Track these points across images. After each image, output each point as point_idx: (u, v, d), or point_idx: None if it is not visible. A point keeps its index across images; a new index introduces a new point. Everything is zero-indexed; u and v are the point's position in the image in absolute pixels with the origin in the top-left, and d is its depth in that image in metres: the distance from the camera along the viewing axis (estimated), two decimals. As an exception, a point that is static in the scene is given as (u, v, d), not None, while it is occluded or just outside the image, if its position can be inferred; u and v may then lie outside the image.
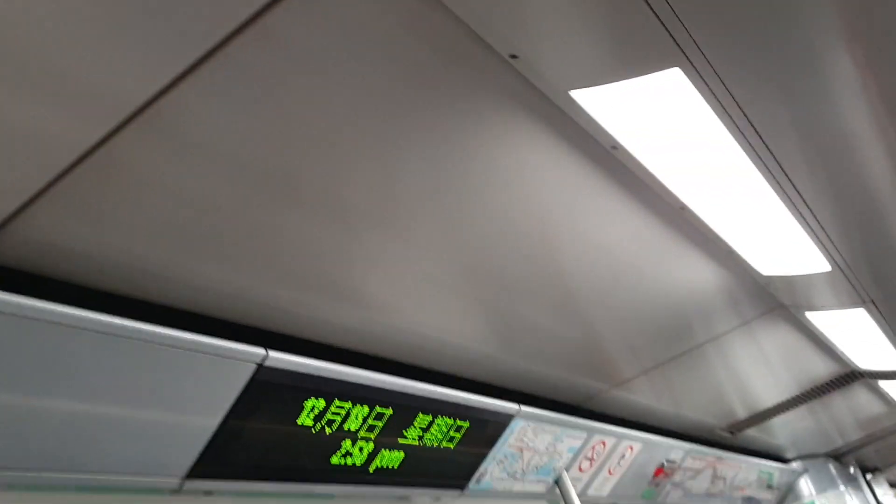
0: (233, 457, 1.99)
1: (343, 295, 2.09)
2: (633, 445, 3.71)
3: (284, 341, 2.07)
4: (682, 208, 2.11)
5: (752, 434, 5.17)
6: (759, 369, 3.93)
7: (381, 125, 1.58)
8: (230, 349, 1.83)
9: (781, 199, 2.13)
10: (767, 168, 1.99)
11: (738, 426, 4.81)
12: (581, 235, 2.21)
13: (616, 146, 1.78)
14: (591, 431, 3.29)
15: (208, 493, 2.03)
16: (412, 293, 2.24)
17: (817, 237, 2.38)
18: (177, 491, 1.93)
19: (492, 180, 1.89)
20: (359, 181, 1.75)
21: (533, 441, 3.01)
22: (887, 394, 5.10)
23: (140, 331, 1.65)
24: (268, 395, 1.97)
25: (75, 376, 1.60)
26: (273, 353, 1.91)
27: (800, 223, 2.29)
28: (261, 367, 1.89)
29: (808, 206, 2.22)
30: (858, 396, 5.08)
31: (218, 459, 1.96)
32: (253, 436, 2.01)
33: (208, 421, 1.88)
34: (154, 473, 1.87)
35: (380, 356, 2.45)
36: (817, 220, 2.30)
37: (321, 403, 2.12)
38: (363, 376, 2.20)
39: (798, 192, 2.13)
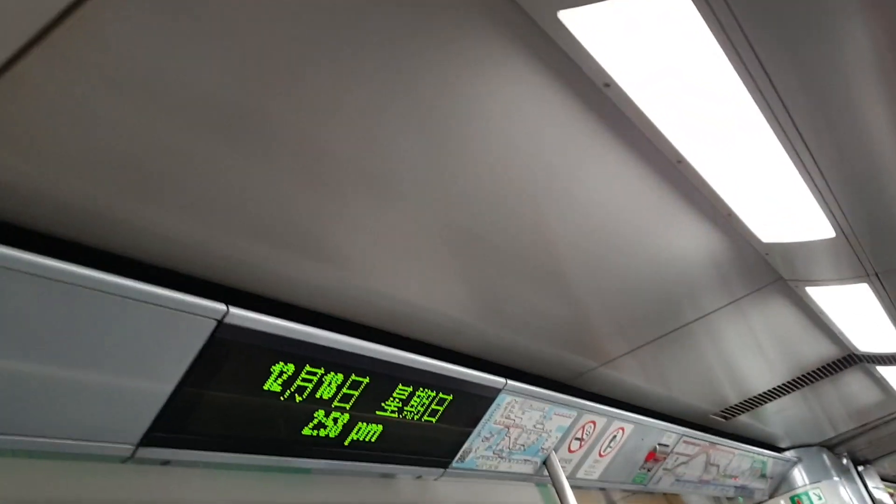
0: (192, 424, 1.84)
1: (317, 253, 1.94)
2: (625, 427, 3.57)
3: (249, 299, 1.92)
4: (680, 161, 1.96)
5: (746, 421, 5.05)
6: (755, 350, 3.79)
7: (361, 65, 1.43)
8: (187, 303, 1.67)
9: (790, 154, 1.98)
10: (777, 119, 1.83)
11: (732, 411, 4.68)
12: (571, 192, 2.05)
13: (609, 83, 1.63)
14: (581, 410, 3.15)
15: (165, 462, 1.87)
16: (392, 255, 2.09)
17: (824, 200, 2.23)
18: (129, 458, 1.77)
19: (477, 130, 1.74)
20: (337, 130, 1.60)
21: (520, 418, 2.87)
22: (884, 379, 4.97)
23: (83, 277, 1.49)
24: (230, 356, 1.81)
25: (10, 328, 1.45)
26: (235, 310, 1.76)
27: (807, 184, 2.14)
28: (221, 325, 1.74)
29: (817, 166, 2.07)
30: (854, 383, 4.96)
31: (175, 426, 1.80)
32: (214, 402, 1.85)
33: (163, 382, 1.73)
34: (104, 439, 1.72)
35: (356, 321, 2.29)
36: (826, 182, 2.15)
37: (290, 368, 1.97)
38: (338, 341, 2.05)
39: (808, 150, 1.98)
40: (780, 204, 2.27)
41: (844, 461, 6.81)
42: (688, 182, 2.09)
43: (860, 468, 7.03)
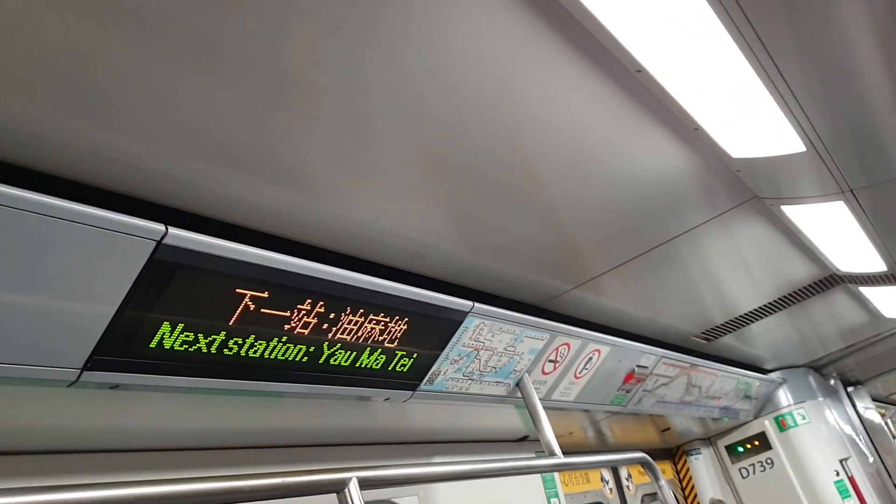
0: (137, 347, 1.81)
1: (273, 173, 1.88)
2: (601, 349, 3.57)
3: (193, 221, 1.87)
4: (639, 71, 1.88)
5: (730, 342, 5.06)
6: (735, 270, 3.76)
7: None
8: (124, 223, 1.62)
9: (752, 64, 1.90)
10: (736, 26, 1.75)
11: (714, 332, 4.69)
12: (533, 108, 1.98)
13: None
14: (553, 332, 3.13)
15: (114, 386, 1.85)
16: (353, 175, 2.03)
17: (791, 112, 2.16)
18: (75, 383, 1.75)
19: (438, 47, 1.67)
20: (295, 48, 1.53)
21: (490, 340, 2.85)
22: (869, 301, 4.97)
23: (15, 198, 1.43)
24: (173, 278, 1.77)
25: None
26: (175, 231, 1.71)
27: (772, 95, 2.07)
28: (160, 246, 1.69)
29: (781, 76, 1.99)
30: (839, 304, 4.95)
31: (119, 349, 1.77)
32: (160, 325, 1.82)
33: (104, 304, 1.69)
34: (47, 363, 1.69)
35: (315, 245, 2.25)
36: (792, 93, 2.08)
37: (240, 291, 1.93)
38: (290, 263, 2.00)
39: (771, 58, 1.90)
40: (748, 118, 2.19)
41: (832, 382, 6.89)
42: (650, 94, 2.01)
43: (850, 389, 7.11)
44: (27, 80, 1.37)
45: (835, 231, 3.33)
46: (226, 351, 1.99)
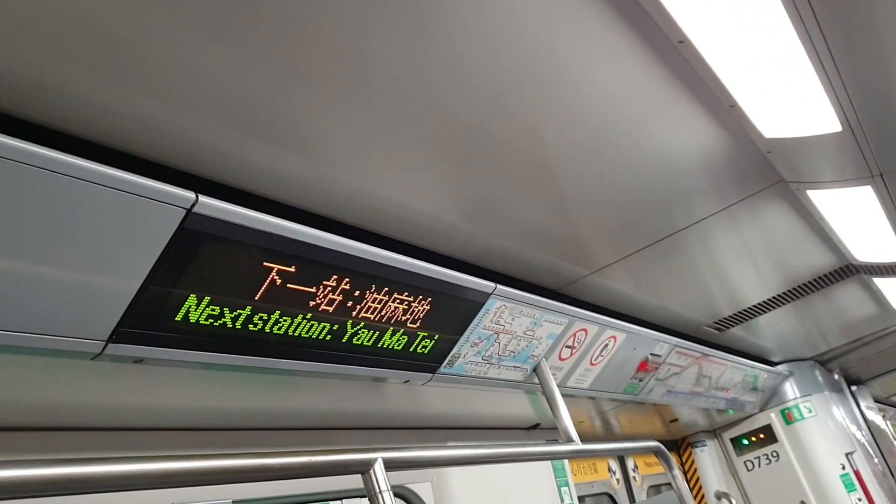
0: (164, 321, 1.75)
1: (300, 146, 1.84)
2: (617, 336, 3.52)
3: (221, 190, 1.81)
4: (682, 42, 1.83)
5: (739, 334, 5.03)
6: (753, 258, 3.72)
7: None
8: (154, 189, 1.56)
9: (800, 37, 1.85)
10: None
11: (726, 322, 4.65)
12: (563, 77, 1.92)
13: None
14: (571, 317, 3.09)
15: (139, 360, 1.79)
16: (379, 152, 1.98)
17: (833, 89, 2.10)
18: (99, 355, 1.69)
19: (463, 19, 1.61)
20: (322, 22, 1.48)
21: (510, 324, 2.80)
22: (881, 292, 4.93)
23: (43, 157, 1.37)
24: (201, 249, 1.71)
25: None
26: (205, 199, 1.65)
27: (816, 71, 2.01)
28: (190, 214, 1.63)
29: (829, 51, 1.93)
30: (850, 295, 4.92)
31: (145, 322, 1.72)
32: (186, 298, 1.76)
33: (131, 275, 1.63)
34: (73, 334, 1.63)
35: (340, 220, 2.20)
36: (837, 69, 2.02)
37: (268, 265, 1.88)
38: (320, 237, 1.95)
39: (822, 33, 1.84)
40: (786, 95, 2.14)
41: (836, 377, 6.87)
42: (689, 67, 1.96)
43: (853, 388, 7.10)
44: (62, 39, 1.31)
45: (858, 218, 3.28)
46: (251, 326, 1.94)
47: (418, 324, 2.41)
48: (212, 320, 1.84)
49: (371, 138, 1.92)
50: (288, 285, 1.95)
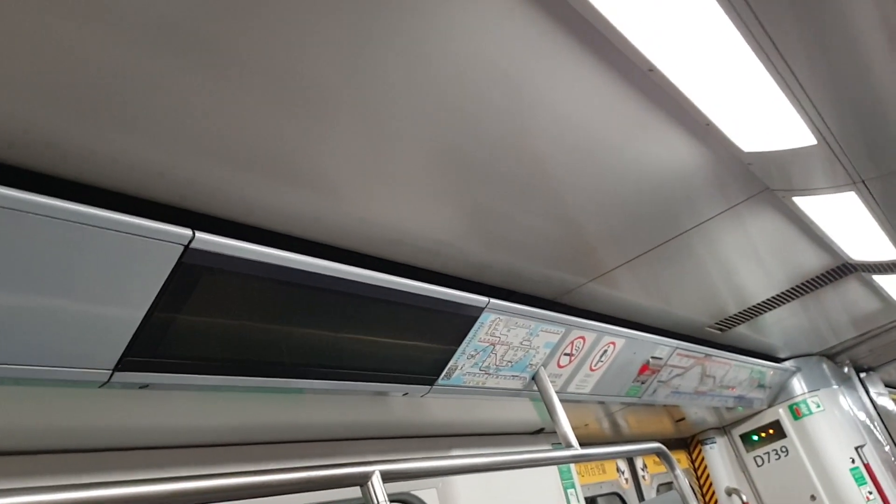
0: (167, 348, 1.86)
1: (291, 177, 1.93)
2: (616, 341, 3.60)
3: (217, 225, 1.92)
4: (651, 70, 1.91)
5: (743, 332, 5.08)
6: (748, 261, 3.79)
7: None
8: (152, 229, 1.66)
9: (762, 60, 1.93)
10: (745, 24, 1.78)
11: (728, 323, 4.71)
12: (546, 105, 2.01)
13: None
14: (568, 326, 3.17)
15: (144, 386, 1.91)
16: (368, 177, 2.07)
17: (802, 107, 2.18)
18: (106, 383, 1.80)
19: (451, 48, 1.70)
20: (311, 54, 1.57)
21: (506, 335, 2.90)
22: (882, 289, 4.98)
23: (46, 206, 1.48)
24: (200, 281, 1.82)
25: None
26: (202, 235, 1.76)
27: (783, 90, 2.09)
28: (188, 250, 1.74)
29: (791, 71, 2.01)
30: (852, 292, 4.97)
31: (150, 350, 1.83)
32: (189, 326, 1.87)
33: (135, 308, 1.74)
34: (80, 365, 1.74)
35: (332, 245, 2.30)
36: (802, 88, 2.10)
37: (264, 292, 1.98)
38: (312, 263, 2.05)
39: (780, 54, 1.93)
40: (759, 112, 2.22)
41: (846, 369, 6.89)
42: (662, 91, 2.05)
43: (862, 375, 7.11)
44: (56, 92, 1.42)
45: (847, 221, 3.35)
46: (251, 350, 2.05)
47: (414, 339, 2.51)
48: (213, 346, 1.95)
49: (363, 168, 2.01)
50: (286, 310, 2.06)
